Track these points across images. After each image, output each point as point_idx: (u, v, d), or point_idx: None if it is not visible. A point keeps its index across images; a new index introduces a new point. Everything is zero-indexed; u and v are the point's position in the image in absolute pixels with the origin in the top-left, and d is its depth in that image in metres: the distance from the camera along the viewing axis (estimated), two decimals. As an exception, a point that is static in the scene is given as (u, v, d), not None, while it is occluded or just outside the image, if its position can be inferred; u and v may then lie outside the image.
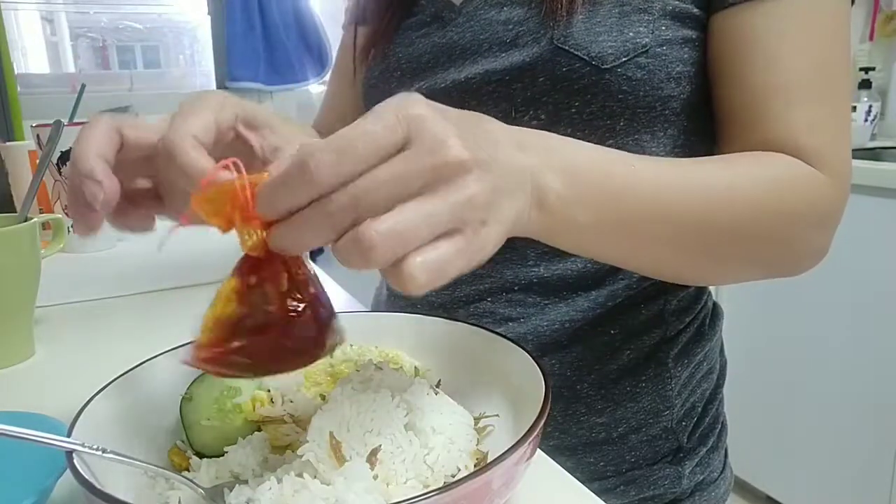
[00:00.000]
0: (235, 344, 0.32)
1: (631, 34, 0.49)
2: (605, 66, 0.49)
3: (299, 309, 0.32)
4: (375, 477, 0.32)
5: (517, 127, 0.36)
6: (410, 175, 0.27)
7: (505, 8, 0.54)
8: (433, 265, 0.28)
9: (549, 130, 0.54)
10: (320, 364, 0.45)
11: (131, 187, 0.40)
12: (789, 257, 0.48)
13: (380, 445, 0.33)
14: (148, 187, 0.41)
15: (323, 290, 0.33)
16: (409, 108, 0.28)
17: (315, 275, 0.33)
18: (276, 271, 0.32)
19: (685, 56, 0.51)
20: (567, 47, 0.50)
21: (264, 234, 0.31)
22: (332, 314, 0.33)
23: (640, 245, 0.43)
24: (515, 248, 0.57)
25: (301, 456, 0.34)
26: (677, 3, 0.50)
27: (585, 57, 0.49)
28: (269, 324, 0.32)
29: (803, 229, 0.47)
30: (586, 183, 0.37)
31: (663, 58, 0.50)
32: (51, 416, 0.39)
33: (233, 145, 0.40)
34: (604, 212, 0.38)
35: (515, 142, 0.34)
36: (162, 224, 0.42)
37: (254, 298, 0.32)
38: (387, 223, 0.27)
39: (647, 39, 0.49)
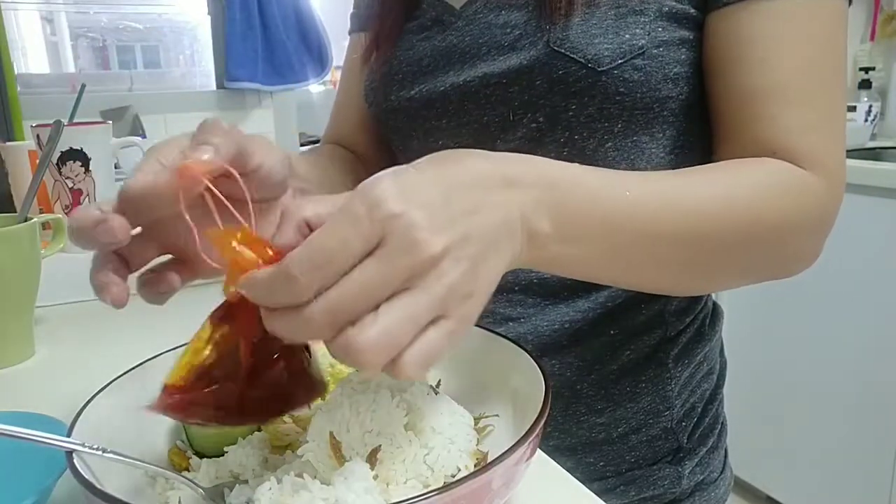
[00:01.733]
0: (202, 391, 0.32)
1: (627, 36, 0.49)
2: (602, 69, 0.49)
3: (270, 360, 0.32)
4: (376, 477, 0.32)
5: (504, 155, 0.35)
6: (386, 278, 0.28)
7: (503, 11, 0.54)
8: (425, 357, 0.29)
9: (547, 133, 0.54)
10: (320, 364, 0.44)
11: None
12: (781, 264, 0.48)
13: (380, 445, 0.33)
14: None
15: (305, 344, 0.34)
16: (380, 206, 0.28)
17: None
18: (251, 321, 0.31)
19: (682, 57, 0.51)
20: (563, 50, 0.50)
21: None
22: (306, 368, 0.33)
23: (634, 268, 0.42)
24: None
25: (301, 456, 0.34)
26: (674, 3, 0.50)
27: (582, 59, 0.49)
28: (237, 374, 0.32)
29: (797, 237, 0.46)
30: (576, 216, 0.37)
31: (660, 59, 0.50)
32: (51, 416, 0.39)
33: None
34: (596, 243, 0.38)
35: (501, 179, 0.34)
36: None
37: (225, 347, 0.32)
38: (374, 329, 0.27)
39: (643, 41, 0.49)
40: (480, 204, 0.32)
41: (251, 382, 0.32)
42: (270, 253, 0.30)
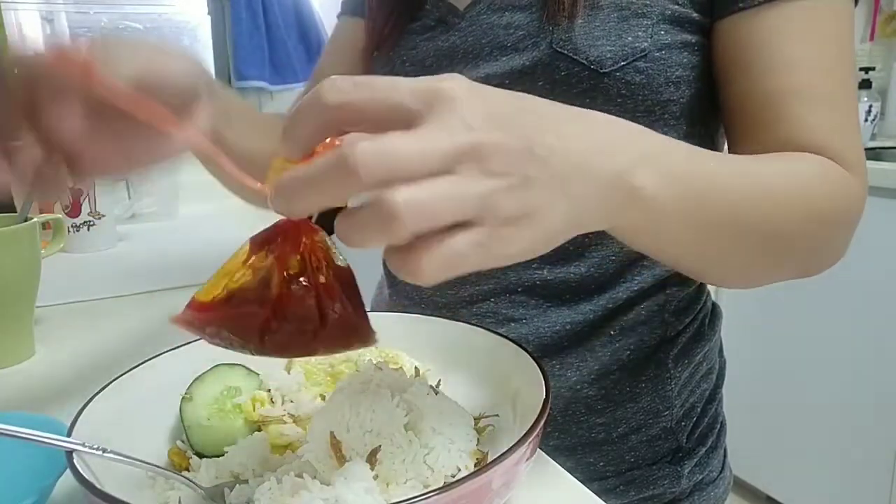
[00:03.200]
0: (227, 312, 0.31)
1: (629, 38, 0.49)
2: (604, 71, 0.49)
3: (304, 295, 0.30)
4: (376, 477, 0.32)
5: (606, 119, 0.33)
6: (432, 155, 0.25)
7: (507, 13, 0.54)
8: (446, 260, 0.26)
9: None
10: (320, 364, 0.45)
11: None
12: (822, 257, 0.48)
13: (379, 446, 0.33)
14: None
15: (349, 288, 0.31)
16: (439, 86, 0.26)
17: (346, 267, 0.31)
18: (292, 250, 0.30)
19: (684, 60, 0.51)
20: (566, 51, 0.50)
21: None
22: (344, 314, 0.31)
23: (710, 246, 0.41)
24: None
25: (301, 456, 0.34)
26: (676, 7, 0.50)
27: (584, 61, 0.49)
28: (266, 301, 0.30)
29: (840, 228, 0.47)
30: (678, 182, 0.34)
31: (662, 62, 0.50)
32: (51, 417, 0.39)
33: None
34: (688, 211, 0.36)
35: (600, 149, 0.31)
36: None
37: (259, 272, 0.31)
38: (409, 192, 0.25)
39: (645, 44, 0.49)
40: (563, 132, 0.29)
41: (278, 313, 0.30)
42: None
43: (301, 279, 0.30)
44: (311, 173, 0.26)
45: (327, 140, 0.29)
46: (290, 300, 0.30)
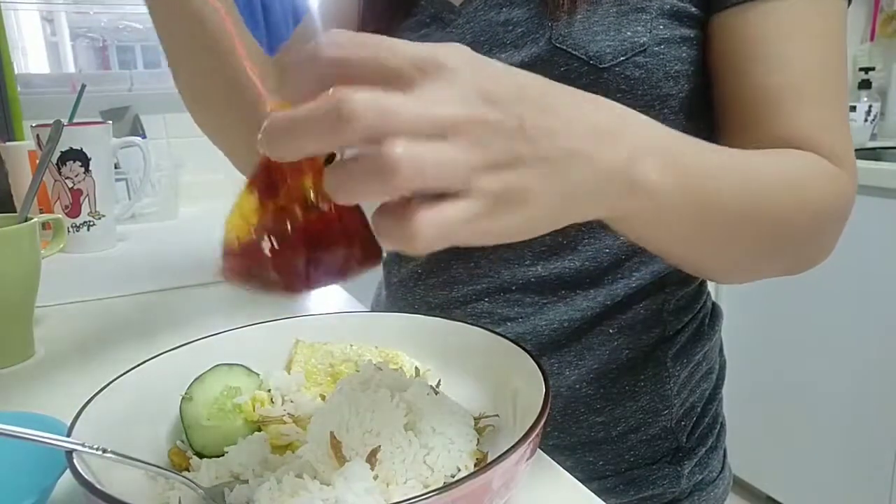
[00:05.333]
0: (264, 256, 0.30)
1: (629, 33, 0.49)
2: (603, 66, 0.49)
3: (326, 217, 0.30)
4: (375, 477, 0.32)
5: (611, 106, 0.33)
6: (433, 116, 0.25)
7: (504, 9, 0.54)
8: (440, 227, 0.25)
9: None
10: (320, 364, 0.45)
11: None
12: (811, 253, 0.48)
13: (379, 446, 0.33)
14: None
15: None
16: (437, 52, 0.26)
17: None
18: (297, 178, 0.30)
19: (683, 55, 0.51)
20: (565, 47, 0.50)
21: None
22: (364, 227, 0.31)
23: (707, 240, 0.41)
24: (512, 248, 0.57)
25: (301, 456, 0.34)
26: (675, 2, 0.50)
27: (583, 56, 0.49)
28: (297, 235, 0.30)
29: (831, 223, 0.47)
30: (679, 171, 0.34)
31: (661, 57, 0.50)
32: (51, 416, 0.39)
33: None
34: (688, 203, 0.36)
35: (601, 136, 0.30)
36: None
37: (277, 208, 0.30)
38: (406, 146, 0.24)
39: (644, 38, 0.49)
40: (563, 115, 0.29)
41: (313, 243, 0.30)
42: None
43: (320, 204, 0.30)
44: (303, 117, 0.25)
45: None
46: (319, 227, 0.30)
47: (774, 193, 0.42)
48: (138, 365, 0.41)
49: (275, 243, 0.30)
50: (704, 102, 0.53)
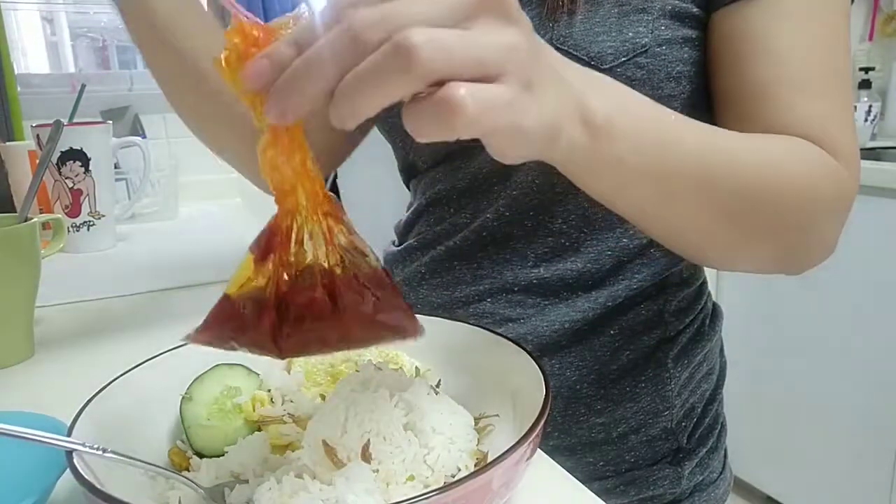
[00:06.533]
0: (236, 323, 0.30)
1: (630, 34, 0.49)
2: (605, 66, 0.49)
3: (306, 285, 0.29)
4: (376, 471, 0.32)
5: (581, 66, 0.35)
6: (451, 3, 0.25)
7: None
8: (484, 102, 0.25)
9: None
10: (320, 364, 0.45)
11: None
12: (804, 241, 0.48)
13: (368, 440, 0.33)
14: None
15: (370, 272, 0.29)
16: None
17: (357, 247, 0.29)
18: (285, 242, 0.29)
19: (685, 56, 0.51)
20: (566, 47, 0.50)
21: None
22: (365, 299, 0.29)
23: (675, 203, 0.41)
24: (516, 250, 0.57)
25: (300, 458, 0.34)
26: (677, 2, 0.50)
27: (585, 57, 0.49)
28: (268, 302, 0.29)
29: (823, 211, 0.46)
30: (637, 119, 0.36)
31: (663, 57, 0.50)
32: (51, 416, 0.39)
33: None
34: (648, 156, 0.37)
35: (565, 63, 0.33)
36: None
37: (260, 274, 0.29)
38: (426, 32, 0.24)
39: (646, 39, 0.49)
40: (548, 51, 0.31)
41: (283, 312, 0.29)
42: None
43: (306, 269, 0.29)
44: (367, 68, 0.25)
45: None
46: (294, 295, 0.29)
47: (745, 163, 0.42)
48: (138, 365, 0.41)
49: (249, 308, 0.30)
50: (707, 104, 0.53)
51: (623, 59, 0.49)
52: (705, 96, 0.53)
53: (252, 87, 0.27)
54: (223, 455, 0.37)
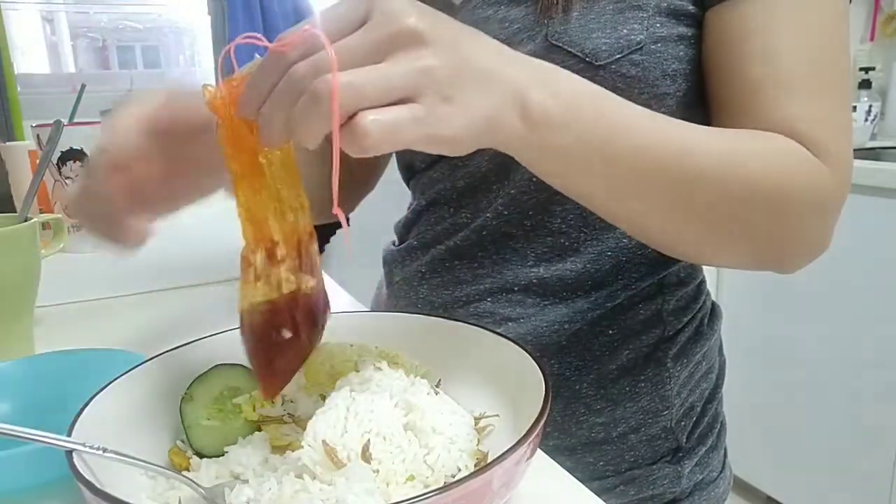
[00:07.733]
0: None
1: (625, 31, 0.49)
2: (600, 63, 0.49)
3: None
4: (376, 471, 0.32)
5: (527, 56, 0.37)
6: (367, 44, 0.30)
7: (502, 7, 0.54)
8: (386, 124, 0.30)
9: None
10: (320, 365, 0.45)
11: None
12: (783, 240, 0.47)
13: (368, 440, 0.33)
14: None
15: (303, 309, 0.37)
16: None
17: (302, 291, 0.37)
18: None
19: (680, 53, 0.51)
20: (561, 44, 0.50)
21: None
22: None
23: (628, 194, 0.42)
24: (516, 249, 0.57)
25: (300, 459, 0.34)
26: (672, 0, 0.50)
27: (579, 54, 0.49)
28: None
29: (800, 211, 0.46)
30: (574, 108, 0.37)
31: (658, 55, 0.50)
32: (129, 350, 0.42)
33: None
34: (591, 144, 0.38)
35: (504, 55, 0.35)
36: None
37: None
38: (342, 77, 0.29)
39: (641, 36, 0.49)
40: (477, 47, 0.34)
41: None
42: None
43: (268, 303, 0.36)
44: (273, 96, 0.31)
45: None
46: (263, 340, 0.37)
47: (707, 157, 0.42)
48: (138, 365, 0.41)
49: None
50: (702, 102, 0.53)
51: (618, 56, 0.49)
52: (700, 94, 0.53)
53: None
54: (223, 455, 0.37)
